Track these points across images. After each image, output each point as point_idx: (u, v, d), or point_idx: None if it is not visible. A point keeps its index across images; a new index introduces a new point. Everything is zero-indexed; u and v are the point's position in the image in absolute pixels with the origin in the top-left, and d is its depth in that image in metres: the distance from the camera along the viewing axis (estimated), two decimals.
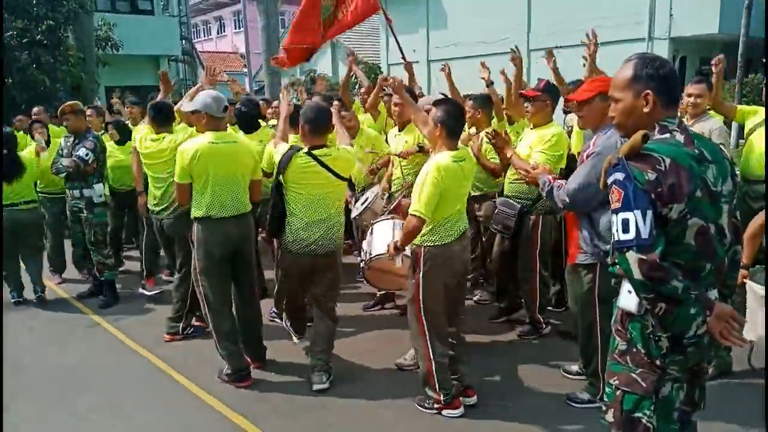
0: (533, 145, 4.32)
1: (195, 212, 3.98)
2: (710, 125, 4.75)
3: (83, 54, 13.19)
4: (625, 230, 1.92)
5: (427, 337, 3.51)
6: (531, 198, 4.47)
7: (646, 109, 2.05)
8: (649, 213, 1.91)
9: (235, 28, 35.00)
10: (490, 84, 5.81)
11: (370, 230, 4.12)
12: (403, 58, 7.07)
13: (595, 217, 3.23)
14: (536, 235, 4.51)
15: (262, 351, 4.36)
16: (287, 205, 3.79)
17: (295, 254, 3.83)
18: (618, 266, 2.00)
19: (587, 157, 3.32)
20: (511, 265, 4.73)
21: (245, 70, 31.29)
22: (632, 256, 1.91)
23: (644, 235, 1.90)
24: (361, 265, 4.06)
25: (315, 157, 3.69)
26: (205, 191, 3.92)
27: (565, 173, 4.19)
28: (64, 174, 5.65)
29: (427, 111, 3.87)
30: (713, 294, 2.07)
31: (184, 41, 23.43)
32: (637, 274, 1.91)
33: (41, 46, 11.52)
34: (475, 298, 5.60)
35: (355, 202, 5.01)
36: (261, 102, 7.26)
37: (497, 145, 4.04)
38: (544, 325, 4.75)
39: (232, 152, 3.95)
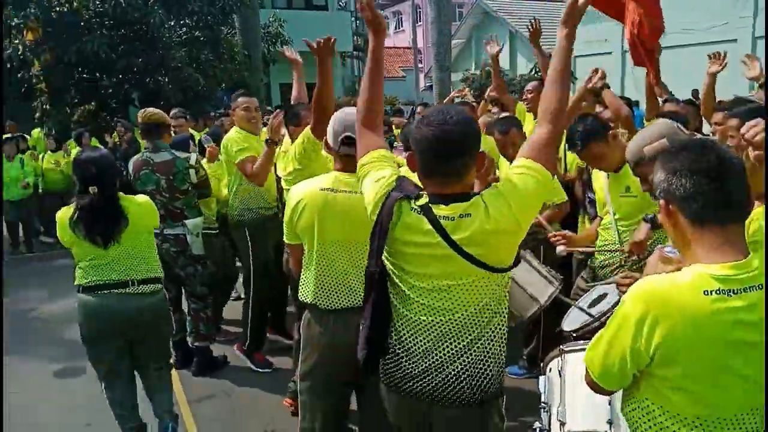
0: None
1: (300, 293, 2.62)
2: None
3: (248, 51, 12.69)
4: None
5: None
6: None
7: None
8: None
9: (413, 23, 34.26)
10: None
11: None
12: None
13: None
14: None
15: None
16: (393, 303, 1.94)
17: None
18: None
19: None
20: None
21: (420, 65, 30.42)
22: None
23: None
24: None
25: (431, 218, 1.79)
26: (311, 263, 2.53)
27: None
28: None
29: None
30: None
31: (358, 37, 22.98)
32: None
33: (198, 44, 11.07)
34: None
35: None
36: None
37: None
38: None
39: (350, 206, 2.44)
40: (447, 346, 1.83)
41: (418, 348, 1.86)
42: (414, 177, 1.94)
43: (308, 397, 2.59)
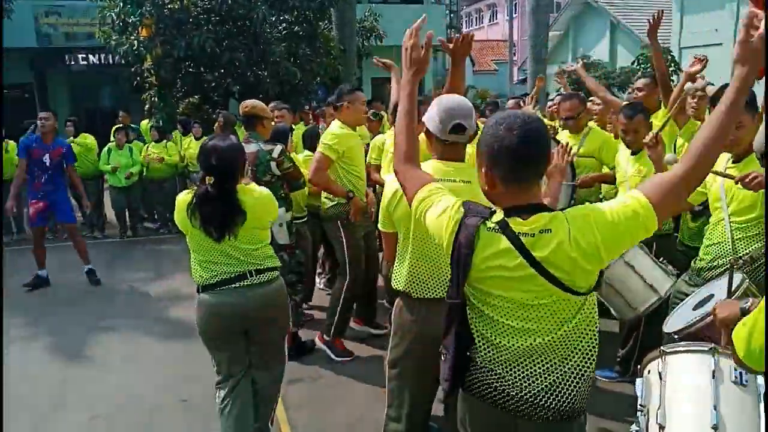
0: None
1: (394, 281, 2.68)
2: None
3: (343, 45, 12.90)
4: None
5: None
6: None
7: None
8: None
9: (508, 15, 33.54)
10: None
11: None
12: None
13: None
14: None
15: None
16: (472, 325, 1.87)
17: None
18: None
19: None
20: None
21: (514, 58, 29.77)
22: None
23: None
24: None
25: (510, 235, 1.71)
26: (405, 252, 2.57)
27: None
28: None
29: None
30: None
31: (452, 30, 22.86)
32: None
33: (297, 38, 11.35)
34: None
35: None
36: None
37: None
38: None
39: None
40: (534, 364, 1.76)
41: (503, 366, 1.79)
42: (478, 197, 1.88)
43: (396, 385, 2.61)
